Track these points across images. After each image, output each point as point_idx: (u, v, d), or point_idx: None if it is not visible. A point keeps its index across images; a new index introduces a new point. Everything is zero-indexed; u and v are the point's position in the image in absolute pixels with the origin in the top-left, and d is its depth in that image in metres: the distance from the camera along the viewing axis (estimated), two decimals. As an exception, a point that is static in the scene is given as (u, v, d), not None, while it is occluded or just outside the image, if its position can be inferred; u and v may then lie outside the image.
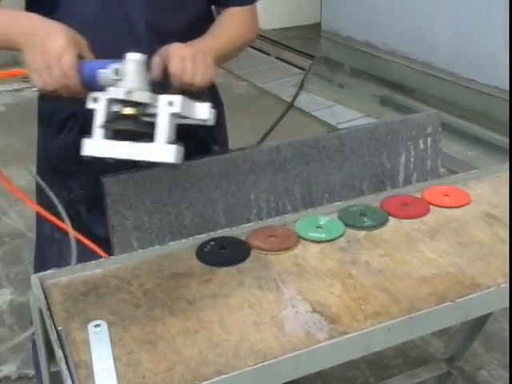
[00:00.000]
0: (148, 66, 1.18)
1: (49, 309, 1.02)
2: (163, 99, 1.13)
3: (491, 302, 1.06)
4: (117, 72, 1.13)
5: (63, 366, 0.89)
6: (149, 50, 1.21)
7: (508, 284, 1.06)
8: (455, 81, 4.61)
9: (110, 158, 1.13)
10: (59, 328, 0.96)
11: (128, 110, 1.12)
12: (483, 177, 1.43)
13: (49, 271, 1.11)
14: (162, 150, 1.11)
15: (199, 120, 1.17)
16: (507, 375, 2.31)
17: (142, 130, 1.11)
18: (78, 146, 1.13)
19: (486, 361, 2.38)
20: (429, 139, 1.67)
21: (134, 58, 1.14)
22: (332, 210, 1.31)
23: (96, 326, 0.98)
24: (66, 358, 0.91)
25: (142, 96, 1.12)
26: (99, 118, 1.13)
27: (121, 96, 1.11)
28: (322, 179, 1.56)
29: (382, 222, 1.26)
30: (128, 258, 1.17)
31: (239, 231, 1.24)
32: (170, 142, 1.11)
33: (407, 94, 4.98)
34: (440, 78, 4.69)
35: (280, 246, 1.19)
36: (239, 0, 1.49)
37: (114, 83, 1.13)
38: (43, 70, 1.15)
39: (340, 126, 4.16)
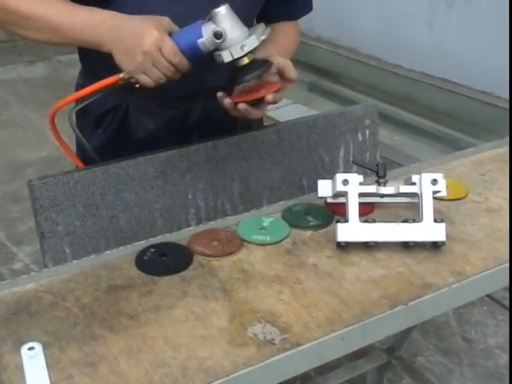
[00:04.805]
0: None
1: (-24, 332, 0.93)
2: (426, 178, 1.15)
3: (444, 303, 1.04)
4: (216, 34, 1.14)
5: (-5, 398, 0.82)
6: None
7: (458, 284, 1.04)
8: (381, 66, 4.65)
9: None
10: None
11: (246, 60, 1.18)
12: (424, 169, 1.41)
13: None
14: (432, 229, 1.12)
15: None
16: (444, 360, 2.34)
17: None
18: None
19: (422, 347, 2.40)
20: (367, 131, 1.64)
21: (223, 12, 1.15)
22: (275, 210, 1.27)
23: (30, 348, 0.90)
24: (-2, 387, 0.84)
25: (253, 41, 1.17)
26: (353, 198, 1.13)
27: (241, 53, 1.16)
28: (261, 175, 1.52)
29: (327, 222, 1.22)
30: (62, 269, 1.08)
31: (179, 236, 1.18)
32: (435, 220, 1.12)
33: (334, 80, 4.99)
34: (366, 64, 4.73)
35: (224, 251, 1.13)
36: (290, 15, 1.53)
37: (218, 46, 1.15)
38: (150, 68, 1.14)
39: (269, 114, 4.12)
